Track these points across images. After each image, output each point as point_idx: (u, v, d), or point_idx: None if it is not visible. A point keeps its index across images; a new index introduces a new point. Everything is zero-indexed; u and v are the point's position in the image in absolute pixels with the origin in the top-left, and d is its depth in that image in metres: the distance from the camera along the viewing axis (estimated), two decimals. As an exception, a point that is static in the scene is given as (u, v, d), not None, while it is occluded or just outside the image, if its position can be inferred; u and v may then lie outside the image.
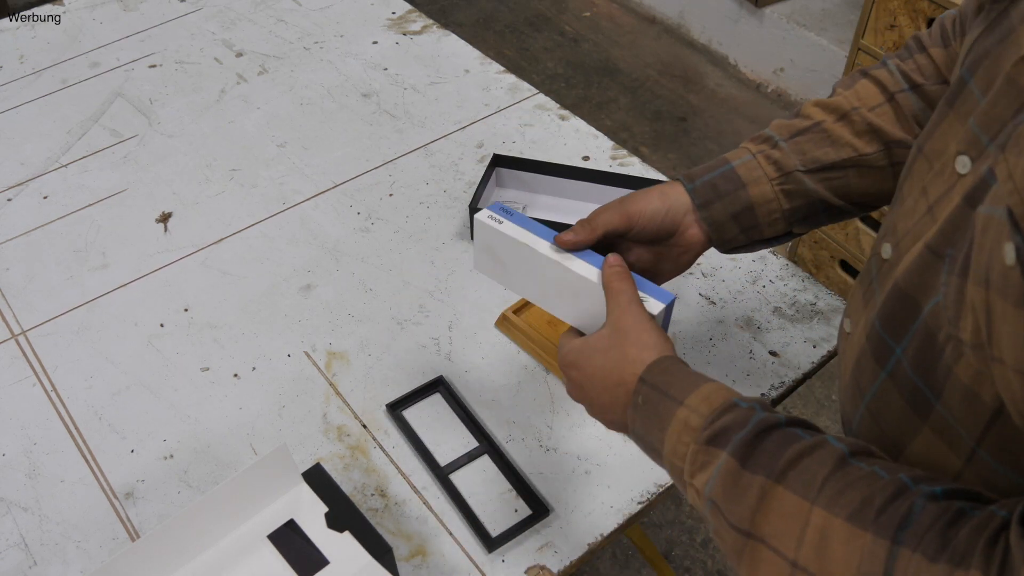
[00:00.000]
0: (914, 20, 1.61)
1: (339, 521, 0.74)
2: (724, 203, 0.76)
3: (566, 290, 0.73)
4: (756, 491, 0.53)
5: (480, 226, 0.76)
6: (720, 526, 0.56)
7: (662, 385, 0.63)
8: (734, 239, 0.77)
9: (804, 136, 0.76)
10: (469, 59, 1.39)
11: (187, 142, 1.26)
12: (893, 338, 0.57)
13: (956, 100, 0.57)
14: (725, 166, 0.77)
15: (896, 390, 0.58)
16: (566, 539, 0.82)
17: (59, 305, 1.04)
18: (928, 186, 0.57)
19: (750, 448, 0.55)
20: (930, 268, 0.54)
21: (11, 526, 0.84)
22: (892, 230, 0.61)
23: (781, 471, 0.53)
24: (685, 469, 0.59)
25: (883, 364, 0.59)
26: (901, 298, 0.56)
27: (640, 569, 1.65)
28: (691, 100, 2.71)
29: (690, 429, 0.59)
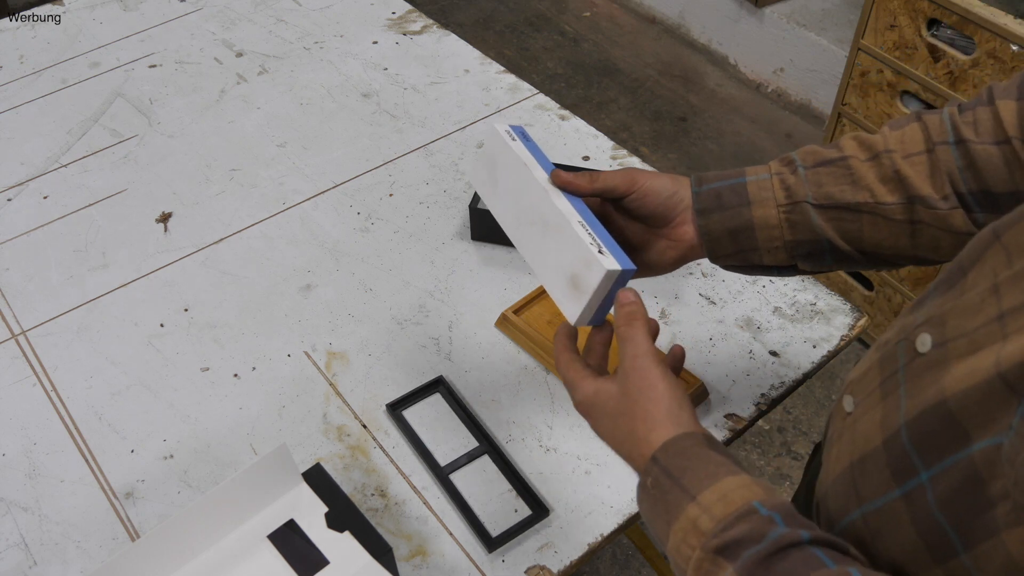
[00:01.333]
0: (914, 20, 1.61)
1: (339, 521, 0.74)
2: (723, 216, 0.71)
3: (539, 223, 0.71)
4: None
5: (493, 136, 0.75)
6: None
7: (675, 471, 0.56)
8: (729, 256, 0.72)
9: (826, 168, 0.69)
10: (469, 59, 1.39)
11: (187, 142, 1.26)
12: (923, 459, 0.48)
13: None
14: (739, 179, 0.71)
15: (910, 520, 0.49)
16: (566, 539, 0.82)
17: (59, 305, 1.04)
18: (1003, 287, 0.47)
19: (762, 566, 0.48)
20: (996, 400, 0.44)
21: (11, 526, 0.84)
22: (939, 322, 0.50)
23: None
24: (688, 573, 0.52)
25: (900, 482, 0.50)
26: (946, 419, 0.47)
27: (640, 569, 1.65)
28: (691, 100, 2.71)
29: (699, 532, 0.52)
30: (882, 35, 1.68)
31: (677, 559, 0.54)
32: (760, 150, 2.51)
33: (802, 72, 2.59)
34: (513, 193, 0.74)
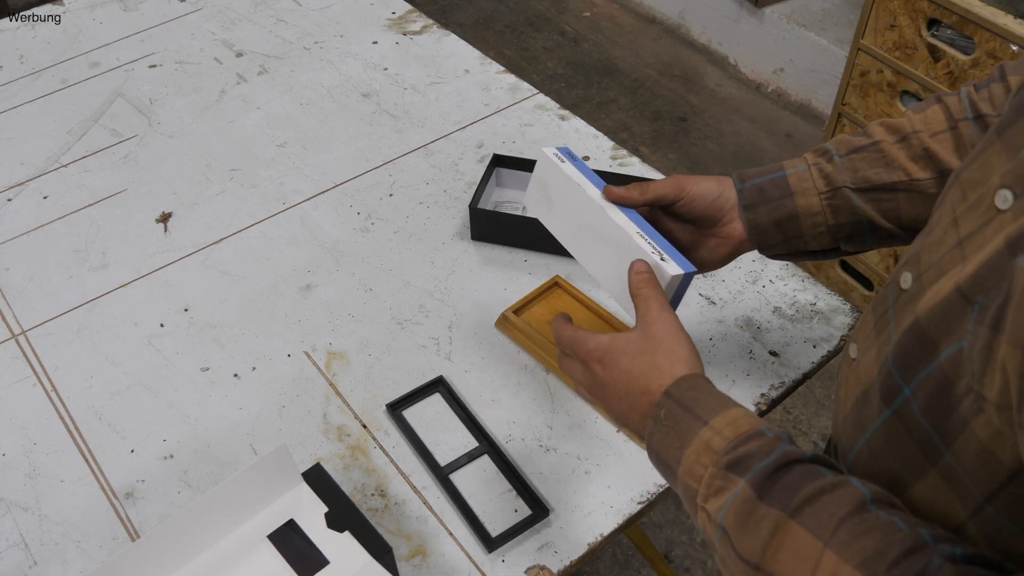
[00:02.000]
0: (914, 20, 1.61)
1: (339, 521, 0.74)
2: (769, 208, 0.76)
3: (599, 237, 0.76)
4: (770, 524, 0.51)
5: (543, 160, 0.80)
6: (728, 556, 0.54)
7: (688, 402, 0.60)
8: (776, 245, 0.78)
9: (859, 154, 0.75)
10: (469, 59, 1.39)
11: (187, 142, 1.26)
12: (903, 377, 0.54)
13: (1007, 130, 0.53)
14: (778, 172, 0.77)
15: (904, 429, 0.55)
16: (566, 539, 0.82)
17: (59, 305, 1.04)
18: (960, 218, 0.54)
19: (770, 480, 0.53)
20: (955, 311, 0.50)
21: (11, 526, 0.84)
22: (915, 260, 0.58)
23: (797, 506, 0.51)
24: (699, 492, 0.57)
25: (889, 403, 0.56)
26: (919, 337, 0.53)
27: (640, 569, 1.65)
28: (691, 100, 2.71)
29: (711, 451, 0.57)
30: (882, 35, 1.68)
31: (688, 480, 0.57)
32: (760, 150, 2.50)
33: (802, 72, 2.59)
34: (569, 212, 0.79)
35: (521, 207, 1.14)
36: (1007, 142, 0.53)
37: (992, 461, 0.48)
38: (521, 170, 1.15)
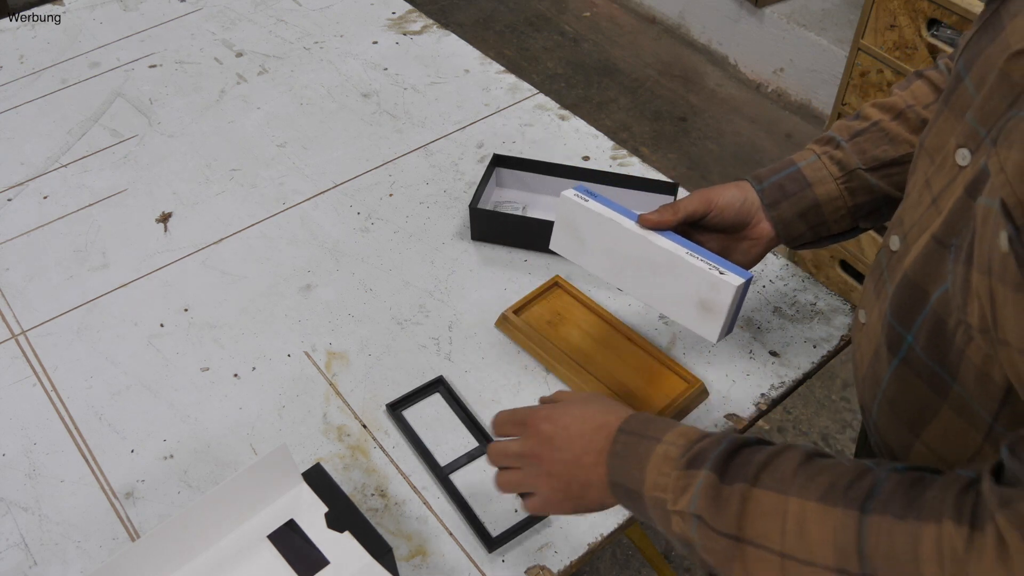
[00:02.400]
0: (914, 20, 1.61)
1: (339, 521, 0.75)
2: (791, 202, 0.80)
3: (647, 265, 0.78)
4: (737, 497, 0.56)
5: (565, 203, 0.82)
6: (708, 538, 0.57)
7: (640, 430, 0.65)
8: (802, 235, 0.82)
9: (863, 136, 0.80)
10: (469, 59, 1.39)
11: (187, 142, 1.26)
12: (903, 326, 0.61)
13: (951, 97, 0.59)
14: (791, 167, 0.81)
15: (912, 374, 0.61)
16: (566, 539, 0.82)
17: (59, 305, 1.04)
18: (931, 179, 0.60)
19: (726, 462, 0.58)
20: (936, 257, 0.57)
21: (11, 526, 0.84)
22: (899, 223, 0.64)
23: (755, 475, 0.56)
24: (668, 498, 0.60)
25: (895, 352, 0.62)
26: (910, 287, 0.60)
27: (640, 569, 1.65)
28: (691, 100, 2.71)
29: (669, 460, 0.61)
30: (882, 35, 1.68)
31: (655, 492, 0.61)
32: (760, 150, 2.51)
33: (802, 72, 2.59)
34: (606, 248, 0.80)
35: (521, 207, 1.14)
36: (953, 108, 0.59)
37: (988, 382, 0.54)
38: (521, 170, 1.15)
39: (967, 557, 0.46)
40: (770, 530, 0.54)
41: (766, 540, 0.54)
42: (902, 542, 0.49)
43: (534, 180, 1.15)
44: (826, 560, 0.52)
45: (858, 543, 0.50)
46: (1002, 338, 0.49)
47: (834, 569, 0.51)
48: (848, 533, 0.51)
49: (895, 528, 0.49)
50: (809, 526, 0.53)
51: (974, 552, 0.46)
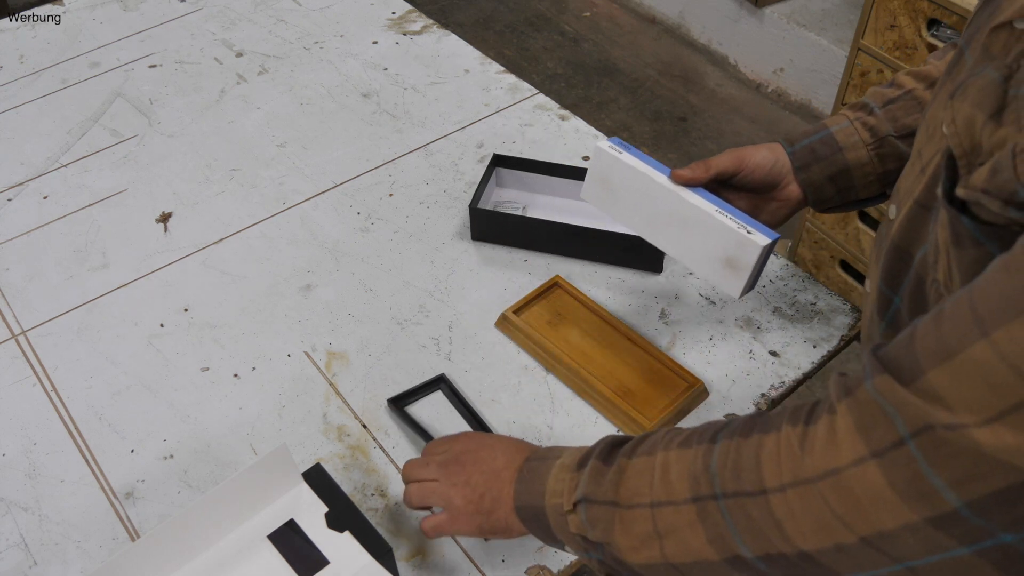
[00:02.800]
0: (914, 20, 1.61)
1: (339, 521, 0.74)
2: (822, 166, 0.81)
3: (675, 220, 0.80)
4: (615, 468, 0.61)
5: (600, 154, 0.84)
6: (593, 515, 0.61)
7: (541, 454, 0.69)
8: (830, 199, 0.83)
9: (896, 104, 0.80)
10: (469, 59, 1.39)
11: (187, 142, 1.26)
12: (891, 289, 0.63)
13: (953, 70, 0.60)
14: (824, 131, 0.82)
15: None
16: (566, 539, 0.82)
17: (59, 305, 1.04)
18: (923, 149, 0.62)
19: (610, 450, 0.63)
20: (919, 221, 0.59)
21: (11, 526, 0.84)
22: (896, 192, 0.66)
23: (631, 449, 0.61)
24: (564, 501, 0.64)
25: (883, 314, 0.64)
26: (896, 251, 0.62)
27: (640, 569, 1.65)
28: (691, 100, 2.71)
29: (566, 468, 0.65)
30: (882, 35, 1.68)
31: (554, 500, 0.64)
32: (760, 150, 2.50)
33: (802, 72, 2.59)
34: (637, 201, 0.82)
35: (521, 207, 1.14)
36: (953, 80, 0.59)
37: None
38: (521, 170, 1.15)
39: (801, 453, 0.49)
40: (641, 486, 0.58)
41: (638, 497, 0.58)
42: (747, 454, 0.52)
43: (534, 180, 1.15)
44: (684, 494, 0.55)
45: (707, 466, 0.54)
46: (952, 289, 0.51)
47: (690, 499, 0.55)
48: (699, 462, 0.55)
49: (741, 445, 0.53)
50: (671, 469, 0.57)
51: (806, 446, 0.49)
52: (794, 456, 0.49)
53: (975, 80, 0.50)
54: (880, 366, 0.47)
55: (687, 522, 0.55)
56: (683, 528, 0.55)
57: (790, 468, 0.49)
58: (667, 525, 0.56)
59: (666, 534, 0.56)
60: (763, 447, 0.51)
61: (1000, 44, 0.50)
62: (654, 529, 0.57)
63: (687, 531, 0.55)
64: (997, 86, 0.48)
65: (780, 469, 0.50)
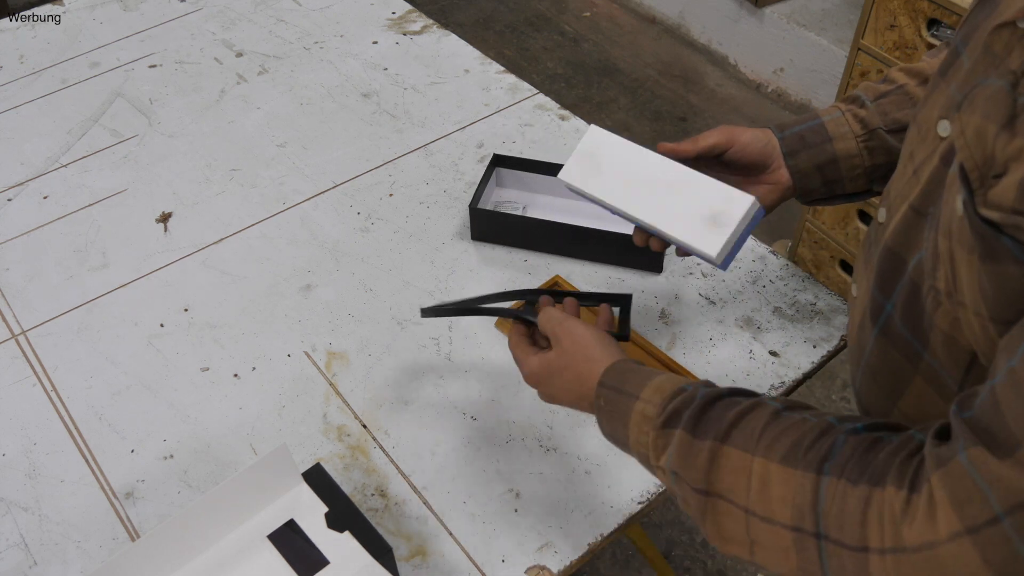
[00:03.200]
0: (914, 20, 1.61)
1: (339, 521, 0.74)
2: (810, 154, 0.81)
3: (662, 186, 0.80)
4: (707, 453, 0.59)
5: (594, 132, 0.86)
6: (685, 493, 0.61)
7: (618, 384, 0.68)
8: (816, 190, 0.83)
9: (887, 98, 0.80)
10: (469, 59, 1.39)
11: (187, 142, 1.26)
12: (883, 295, 0.62)
13: (948, 70, 0.59)
14: (815, 120, 0.82)
15: (890, 344, 0.62)
16: (566, 539, 0.82)
17: (59, 305, 1.04)
18: (915, 151, 0.61)
19: (698, 419, 0.61)
20: (914, 226, 0.58)
21: (11, 526, 0.84)
22: (887, 195, 0.66)
23: (725, 432, 0.59)
24: (650, 455, 0.64)
25: (876, 321, 0.64)
26: (890, 257, 0.61)
27: (640, 569, 1.65)
28: (691, 100, 2.71)
29: (647, 419, 0.64)
30: (882, 35, 1.68)
31: (639, 448, 0.65)
32: (760, 150, 2.50)
33: (802, 72, 2.59)
34: (624, 171, 0.83)
35: (521, 207, 1.14)
36: (948, 80, 0.59)
37: (955, 347, 0.55)
38: (521, 170, 1.15)
39: (902, 520, 0.48)
40: (736, 485, 0.57)
41: (732, 494, 0.57)
42: (853, 505, 0.51)
43: (534, 180, 1.15)
44: (784, 518, 0.54)
45: (814, 503, 0.53)
46: (960, 300, 0.50)
47: (791, 527, 0.54)
48: (805, 494, 0.53)
49: (848, 492, 0.51)
50: (771, 486, 0.55)
51: (908, 515, 0.48)
52: (895, 523, 0.48)
53: (981, 90, 0.49)
54: (973, 437, 0.46)
55: (782, 546, 0.55)
56: (777, 549, 0.55)
57: (891, 534, 0.48)
58: (761, 538, 0.56)
59: (758, 544, 0.56)
60: (869, 504, 0.50)
61: (1002, 44, 0.50)
62: (746, 534, 0.57)
63: (780, 553, 0.55)
64: (1006, 95, 0.47)
65: (883, 533, 0.49)
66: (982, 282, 0.48)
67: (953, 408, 0.49)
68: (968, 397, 0.48)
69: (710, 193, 0.78)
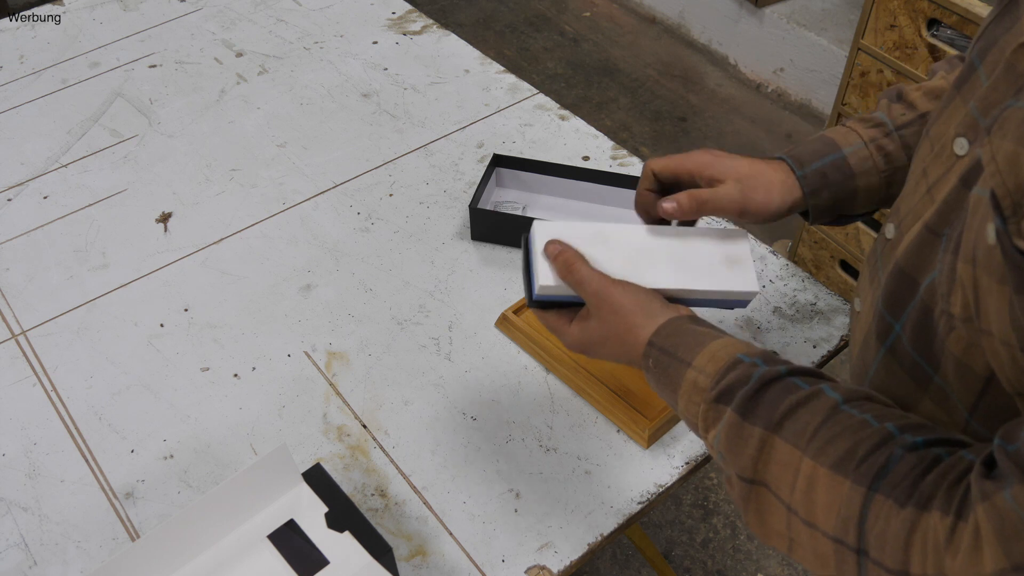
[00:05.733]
0: (914, 20, 1.61)
1: (339, 521, 0.75)
2: (832, 191, 0.76)
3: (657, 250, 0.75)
4: (756, 441, 0.57)
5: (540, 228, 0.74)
6: (731, 475, 0.59)
7: (670, 347, 0.65)
8: (824, 217, 0.79)
9: (910, 129, 0.76)
10: (469, 59, 1.39)
11: (187, 142, 1.26)
12: (892, 315, 0.60)
13: (964, 85, 0.58)
14: (836, 153, 0.76)
15: (897, 364, 0.61)
16: (566, 539, 0.82)
17: (59, 305, 1.04)
18: (928, 168, 0.59)
19: (751, 402, 0.58)
20: (928, 247, 0.57)
21: (11, 526, 0.84)
22: (896, 211, 0.64)
23: (778, 422, 0.56)
24: (699, 425, 0.62)
25: (883, 341, 0.62)
26: (901, 276, 0.59)
27: (640, 569, 1.65)
28: (691, 100, 2.71)
29: (699, 390, 0.62)
30: (882, 35, 1.68)
31: (688, 416, 0.63)
32: (760, 150, 2.50)
33: (802, 72, 2.59)
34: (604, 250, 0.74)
35: (521, 207, 1.14)
36: (964, 96, 0.57)
37: (968, 374, 0.54)
38: (521, 170, 1.15)
39: (945, 549, 0.47)
40: (782, 480, 0.56)
41: (776, 486, 0.56)
42: (897, 527, 0.50)
43: (534, 180, 1.15)
44: (828, 527, 0.53)
45: (860, 519, 0.51)
46: (985, 328, 0.49)
47: (832, 537, 0.53)
48: (852, 507, 0.52)
49: (893, 513, 0.50)
50: (817, 491, 0.53)
51: (952, 544, 0.47)
52: (939, 551, 0.48)
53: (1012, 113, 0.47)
54: (1019, 473, 0.45)
55: (822, 552, 0.54)
56: (816, 553, 0.55)
57: (934, 562, 0.48)
58: (801, 539, 0.55)
59: (797, 543, 0.56)
60: (915, 529, 0.49)
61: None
62: (787, 530, 0.56)
63: (818, 558, 0.54)
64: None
65: (925, 560, 0.48)
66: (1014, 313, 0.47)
67: (997, 441, 0.48)
68: (1014, 428, 0.47)
69: (704, 239, 0.74)
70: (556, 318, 0.74)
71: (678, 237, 0.76)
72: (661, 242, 0.75)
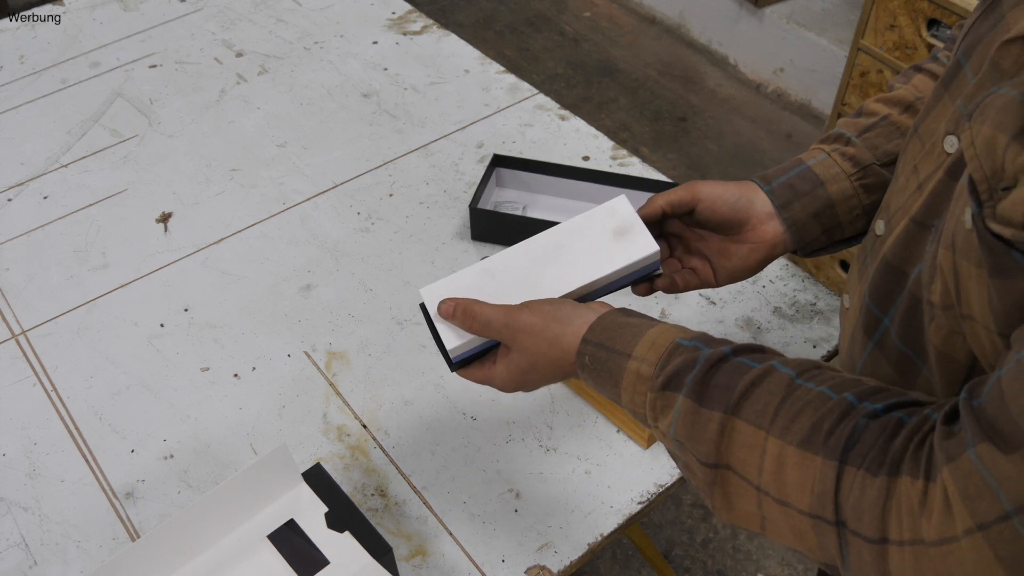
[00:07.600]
0: (914, 20, 1.61)
1: (339, 521, 0.75)
2: (804, 202, 0.75)
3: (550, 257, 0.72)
4: (716, 426, 0.56)
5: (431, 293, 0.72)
6: (690, 461, 0.58)
7: (606, 342, 0.63)
8: (816, 240, 0.77)
9: (873, 132, 0.76)
10: (469, 59, 1.39)
11: (187, 142, 1.26)
12: (880, 309, 0.61)
13: (951, 83, 0.58)
14: (800, 166, 0.76)
15: (884, 358, 0.61)
16: (566, 539, 0.82)
17: (59, 305, 1.04)
18: (919, 165, 0.59)
19: (703, 386, 0.57)
20: (915, 239, 0.57)
21: (11, 526, 0.84)
22: (886, 207, 0.64)
23: (736, 403, 0.56)
24: (647, 415, 0.61)
25: (871, 335, 0.62)
26: (889, 270, 0.59)
27: (640, 569, 1.65)
28: (691, 100, 2.71)
29: (643, 379, 0.61)
30: (882, 35, 1.68)
31: (633, 407, 0.62)
32: (760, 150, 2.51)
33: (802, 72, 2.59)
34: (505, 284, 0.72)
35: (521, 207, 1.14)
36: (952, 93, 0.58)
37: (950, 363, 0.54)
38: (521, 170, 1.15)
39: (920, 513, 0.48)
40: (748, 462, 0.55)
41: (743, 469, 0.55)
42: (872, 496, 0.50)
43: (534, 180, 1.15)
44: (802, 504, 0.53)
45: (835, 493, 0.51)
46: (967, 313, 0.50)
47: (809, 514, 0.53)
48: (827, 483, 0.52)
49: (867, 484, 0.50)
50: (787, 469, 0.53)
51: (926, 508, 0.48)
52: (914, 515, 0.48)
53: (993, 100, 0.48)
54: (981, 432, 0.45)
55: (799, 529, 0.54)
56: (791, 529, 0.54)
57: (910, 527, 0.48)
58: (774, 517, 0.55)
59: (770, 521, 0.55)
60: (889, 496, 0.49)
61: (1011, 60, 0.49)
62: (758, 510, 0.56)
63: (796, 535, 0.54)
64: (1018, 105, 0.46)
65: (902, 525, 0.49)
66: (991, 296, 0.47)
67: (963, 395, 0.48)
68: (978, 384, 0.48)
69: (588, 224, 0.72)
70: (479, 369, 0.71)
71: (561, 235, 0.73)
72: (547, 249, 0.73)
